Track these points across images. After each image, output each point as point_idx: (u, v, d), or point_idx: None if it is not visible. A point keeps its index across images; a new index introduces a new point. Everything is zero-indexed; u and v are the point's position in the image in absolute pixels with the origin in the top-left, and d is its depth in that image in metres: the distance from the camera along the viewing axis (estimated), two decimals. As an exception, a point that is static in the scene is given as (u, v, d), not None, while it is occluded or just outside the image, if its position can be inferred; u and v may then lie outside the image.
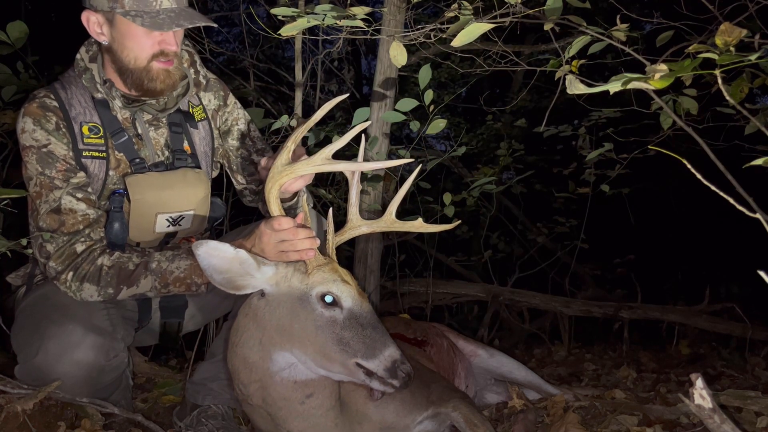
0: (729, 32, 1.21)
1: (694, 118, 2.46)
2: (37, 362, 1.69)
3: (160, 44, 1.74)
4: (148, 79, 1.77)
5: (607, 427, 1.93)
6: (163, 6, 1.69)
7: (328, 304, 1.45)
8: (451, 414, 1.73)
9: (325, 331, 1.44)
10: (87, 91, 1.82)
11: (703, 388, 1.38)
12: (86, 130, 1.80)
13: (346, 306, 1.46)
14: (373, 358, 1.41)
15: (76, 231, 1.74)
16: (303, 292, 1.47)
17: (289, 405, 1.50)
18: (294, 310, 1.47)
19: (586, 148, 3.76)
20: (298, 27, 1.82)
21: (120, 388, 1.93)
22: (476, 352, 2.41)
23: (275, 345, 1.48)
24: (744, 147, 2.36)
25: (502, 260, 4.87)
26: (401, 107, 2.33)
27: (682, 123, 1.54)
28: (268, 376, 1.49)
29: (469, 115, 6.40)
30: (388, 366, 1.41)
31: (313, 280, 1.47)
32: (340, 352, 1.42)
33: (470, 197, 3.64)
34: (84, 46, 1.86)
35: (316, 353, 1.45)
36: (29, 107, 1.77)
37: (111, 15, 1.70)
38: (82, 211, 1.76)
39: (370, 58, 7.06)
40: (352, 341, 1.42)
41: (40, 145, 1.75)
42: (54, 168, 1.75)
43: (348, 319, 1.44)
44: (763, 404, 1.96)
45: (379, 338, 1.43)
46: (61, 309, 1.74)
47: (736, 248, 5.44)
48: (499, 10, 1.88)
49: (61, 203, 1.74)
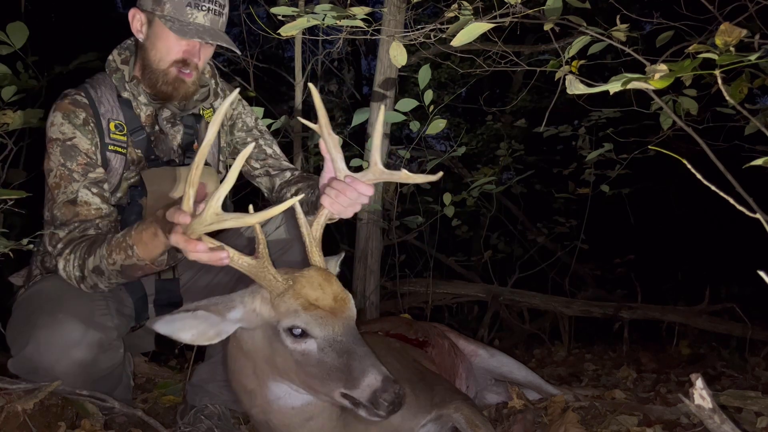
0: (729, 32, 1.21)
1: (694, 118, 2.46)
2: (28, 353, 1.71)
3: (185, 53, 1.87)
4: (163, 81, 1.90)
5: (607, 427, 1.93)
6: (197, 21, 1.84)
7: (297, 336, 1.33)
8: (453, 416, 1.73)
9: (302, 364, 1.34)
10: (114, 91, 1.96)
11: (703, 389, 1.38)
12: (113, 126, 1.93)
13: (317, 335, 1.33)
14: (355, 387, 1.30)
15: (88, 219, 1.81)
16: (272, 326, 1.37)
17: (291, 429, 1.48)
18: (271, 343, 1.38)
19: (586, 148, 3.76)
20: (298, 27, 1.83)
21: (120, 387, 1.94)
22: (477, 352, 2.41)
23: (268, 375, 1.43)
24: (744, 147, 2.36)
25: (502, 260, 4.87)
26: (401, 107, 2.34)
27: (682, 123, 1.54)
28: (267, 403, 1.46)
29: (469, 115, 6.40)
30: (369, 397, 1.29)
31: (278, 313, 1.35)
32: (322, 383, 1.33)
33: (470, 197, 3.64)
34: (117, 50, 2.00)
35: (302, 384, 1.38)
36: (61, 103, 1.89)
37: (152, 16, 1.87)
38: (96, 204, 1.83)
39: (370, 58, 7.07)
40: (331, 371, 1.31)
41: (65, 138, 1.85)
42: (75, 161, 1.84)
43: (322, 350, 1.33)
44: (763, 404, 1.96)
45: (357, 365, 1.30)
46: (52, 301, 1.77)
47: (736, 248, 5.44)
48: (499, 10, 1.88)
49: (78, 195, 1.82)
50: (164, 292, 2.02)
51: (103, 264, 1.69)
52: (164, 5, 1.83)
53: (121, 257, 1.66)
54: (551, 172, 4.55)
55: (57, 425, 1.65)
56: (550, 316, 4.18)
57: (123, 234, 1.67)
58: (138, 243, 1.63)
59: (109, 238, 1.70)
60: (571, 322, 4.03)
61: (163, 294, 2.01)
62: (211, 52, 1.96)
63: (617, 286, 4.70)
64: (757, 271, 1.09)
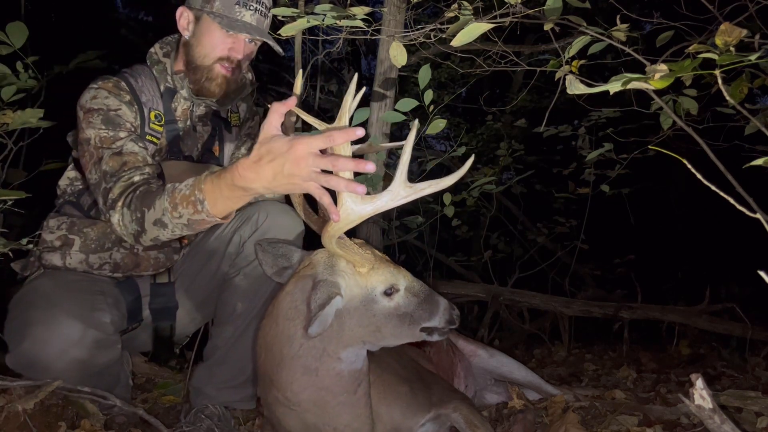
0: (729, 32, 1.21)
1: (694, 118, 2.46)
2: (25, 349, 1.71)
3: (230, 50, 1.95)
4: (207, 77, 1.97)
5: (607, 428, 1.93)
6: (244, 19, 1.93)
7: (389, 295, 1.52)
8: (452, 415, 1.73)
9: (394, 317, 1.52)
10: (155, 82, 2.01)
11: (703, 389, 1.38)
12: (153, 116, 1.98)
13: (402, 288, 1.53)
14: (434, 317, 1.55)
15: (137, 167, 1.82)
16: (365, 295, 1.51)
17: (348, 397, 1.53)
18: (361, 312, 1.51)
19: (586, 148, 3.75)
20: (298, 27, 1.83)
21: (119, 386, 1.94)
22: (476, 352, 2.41)
23: (345, 346, 1.51)
24: (744, 147, 2.36)
25: (502, 260, 4.86)
26: (401, 107, 2.33)
27: (682, 123, 1.54)
28: (331, 375, 1.50)
29: (469, 115, 6.39)
30: (447, 318, 1.56)
31: (371, 281, 1.51)
32: (409, 327, 1.53)
33: (470, 197, 3.63)
34: (158, 44, 2.07)
35: (389, 336, 1.53)
36: (104, 84, 1.93)
37: (200, 14, 1.95)
38: (143, 154, 1.86)
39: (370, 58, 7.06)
40: (414, 313, 1.53)
41: (110, 108, 1.89)
42: (120, 128, 1.88)
43: (405, 298, 1.53)
44: (763, 404, 1.96)
45: (431, 298, 1.56)
46: (49, 297, 1.78)
47: (736, 248, 5.44)
48: (499, 10, 1.88)
49: (124, 148, 1.85)
50: (159, 295, 2.02)
51: (167, 217, 1.63)
52: (214, 2, 1.91)
53: (189, 211, 1.58)
54: (551, 172, 4.54)
55: (57, 425, 1.65)
56: (550, 316, 4.17)
57: (189, 185, 1.58)
58: (211, 195, 1.52)
59: (169, 189, 1.63)
60: (571, 322, 4.03)
61: (159, 298, 2.02)
62: (253, 53, 2.03)
63: (617, 286, 4.69)
64: (757, 271, 1.09)
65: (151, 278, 2.04)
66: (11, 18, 2.53)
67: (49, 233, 1.95)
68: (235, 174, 1.43)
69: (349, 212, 1.35)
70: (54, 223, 1.96)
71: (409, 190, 1.36)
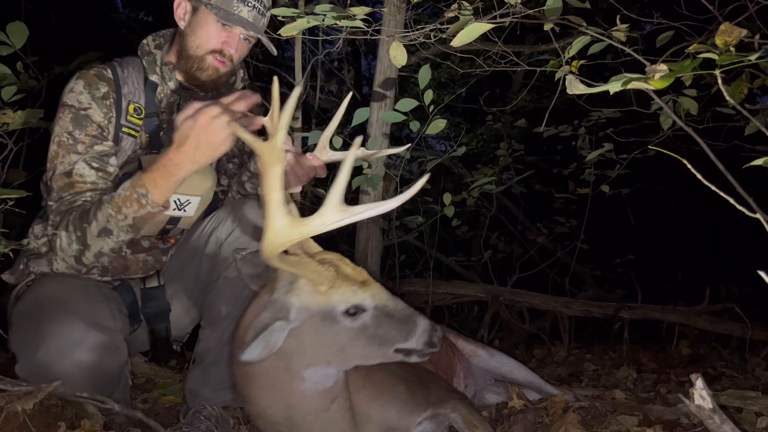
0: (729, 32, 1.21)
1: (694, 118, 2.46)
2: (39, 360, 1.69)
3: (223, 44, 1.95)
4: (198, 67, 1.96)
5: (607, 428, 1.93)
6: (241, 14, 1.93)
7: (352, 315, 1.43)
8: (450, 415, 1.73)
9: (360, 337, 1.43)
10: (142, 74, 2.00)
11: (703, 389, 1.38)
12: (132, 109, 1.96)
13: (369, 308, 1.44)
14: (410, 338, 1.45)
15: (80, 191, 1.82)
16: (326, 313, 1.42)
17: (316, 415, 1.50)
18: (321, 332, 1.43)
19: (586, 148, 3.75)
20: (298, 27, 1.83)
21: (119, 387, 1.94)
22: (476, 352, 2.41)
23: (307, 366, 1.45)
24: (744, 147, 2.36)
25: (502, 260, 4.86)
26: (401, 107, 2.33)
27: (682, 123, 1.54)
28: (296, 394, 1.47)
29: (469, 115, 6.39)
30: (426, 340, 1.46)
31: (332, 299, 1.42)
32: (379, 348, 1.45)
33: (470, 197, 3.63)
34: (152, 36, 2.06)
35: (356, 358, 1.47)
36: (86, 72, 1.92)
37: (198, 4, 1.95)
38: (92, 179, 1.84)
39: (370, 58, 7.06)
40: (386, 334, 1.44)
41: (79, 107, 1.87)
42: (84, 131, 1.86)
43: (375, 318, 1.44)
44: (763, 405, 1.96)
45: (407, 318, 1.46)
46: (60, 305, 1.75)
47: (736, 248, 5.44)
48: (499, 11, 1.87)
49: (74, 168, 1.83)
50: (151, 299, 2.01)
51: (111, 223, 1.71)
52: None
53: (133, 209, 1.70)
54: (551, 172, 4.54)
55: (57, 425, 1.64)
56: (550, 316, 4.17)
57: (128, 187, 1.69)
58: (151, 185, 1.68)
59: (108, 198, 1.71)
60: (571, 322, 4.03)
61: (151, 302, 2.01)
62: (246, 50, 2.02)
63: (617, 286, 4.70)
64: (757, 271, 1.09)
65: (141, 282, 2.03)
66: (11, 18, 2.53)
67: (35, 240, 1.93)
68: (166, 162, 1.65)
69: (277, 234, 1.32)
70: (39, 229, 1.94)
71: (343, 214, 1.27)
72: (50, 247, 1.90)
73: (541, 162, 4.99)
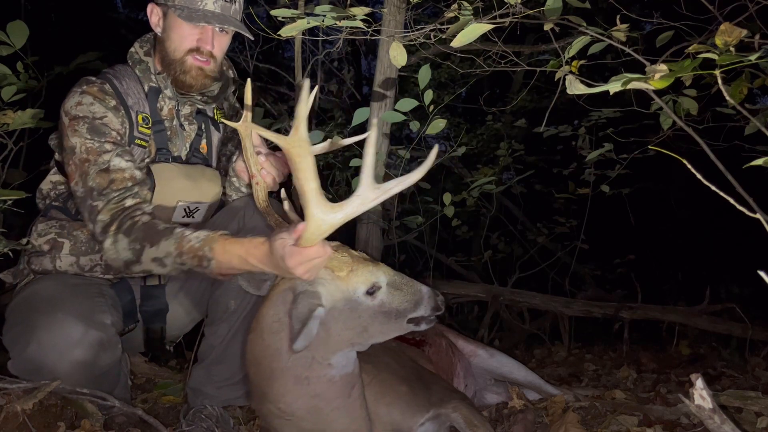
0: (729, 32, 1.21)
1: (694, 118, 2.46)
2: (30, 354, 1.71)
3: (198, 41, 1.90)
4: (181, 70, 1.92)
5: (607, 428, 1.93)
6: (206, 7, 1.87)
7: (371, 294, 1.51)
8: (452, 415, 1.73)
9: (379, 314, 1.51)
10: (139, 83, 1.97)
11: (703, 389, 1.38)
12: (140, 119, 1.94)
13: (383, 284, 1.52)
14: (419, 307, 1.54)
15: (125, 187, 1.80)
16: (348, 298, 1.49)
17: (342, 401, 1.52)
18: (346, 316, 1.50)
19: (586, 148, 3.75)
20: (298, 28, 1.83)
21: (119, 386, 1.94)
22: (476, 352, 2.41)
23: (334, 351, 1.50)
24: (744, 147, 2.36)
25: (502, 260, 4.86)
26: (401, 107, 2.33)
27: (682, 123, 1.54)
28: (324, 382, 1.49)
29: (469, 115, 6.38)
30: (432, 305, 1.55)
31: (353, 283, 1.50)
32: (396, 321, 1.53)
33: (470, 197, 3.63)
34: (137, 42, 2.03)
35: (376, 334, 1.53)
36: (89, 88, 1.88)
37: (166, 9, 1.91)
38: (130, 170, 1.83)
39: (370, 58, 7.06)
40: (400, 307, 1.52)
41: (95, 117, 1.84)
42: (105, 137, 1.84)
43: (389, 294, 1.52)
44: (764, 404, 1.96)
45: (413, 288, 1.55)
46: (50, 301, 1.77)
47: (736, 248, 5.44)
48: (499, 11, 1.87)
49: (111, 164, 1.82)
50: (150, 298, 2.02)
51: (169, 260, 1.66)
52: None
53: (193, 263, 1.64)
54: (551, 172, 4.53)
55: (56, 425, 1.65)
56: (550, 316, 4.17)
57: (200, 240, 1.62)
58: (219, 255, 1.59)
59: (178, 235, 1.66)
60: (571, 322, 4.03)
61: (149, 300, 2.02)
62: (226, 42, 1.97)
63: (617, 286, 4.69)
64: (757, 271, 1.09)
65: (141, 280, 2.03)
66: (11, 18, 2.53)
67: (38, 237, 1.93)
68: (245, 254, 1.53)
69: (320, 223, 1.33)
70: (43, 227, 1.94)
71: (378, 191, 1.33)
72: (53, 245, 1.91)
73: (541, 162, 4.99)
